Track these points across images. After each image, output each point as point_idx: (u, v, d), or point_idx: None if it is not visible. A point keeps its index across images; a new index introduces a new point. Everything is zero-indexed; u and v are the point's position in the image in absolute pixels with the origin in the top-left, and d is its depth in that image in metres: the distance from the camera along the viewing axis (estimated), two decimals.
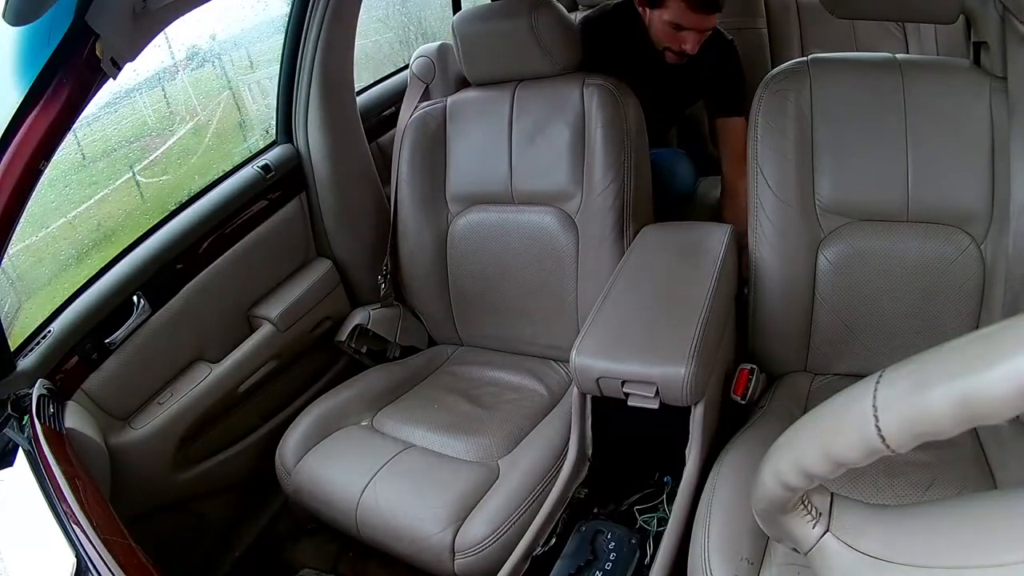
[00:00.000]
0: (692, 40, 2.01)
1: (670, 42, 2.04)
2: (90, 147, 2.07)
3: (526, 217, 2.03)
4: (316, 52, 2.09)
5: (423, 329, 2.31)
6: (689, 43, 2.01)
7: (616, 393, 1.47)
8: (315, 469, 1.79)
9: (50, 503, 1.18)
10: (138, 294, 1.78)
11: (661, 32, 2.03)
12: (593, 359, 1.49)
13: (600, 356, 1.49)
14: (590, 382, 1.49)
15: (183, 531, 1.91)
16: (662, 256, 1.81)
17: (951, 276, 1.62)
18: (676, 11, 1.97)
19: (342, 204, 2.23)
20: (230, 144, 2.40)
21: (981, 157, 1.57)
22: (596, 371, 1.47)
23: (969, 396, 0.49)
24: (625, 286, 1.69)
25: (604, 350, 1.50)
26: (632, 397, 1.46)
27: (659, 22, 2.02)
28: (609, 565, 1.37)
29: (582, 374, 1.50)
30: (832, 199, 1.69)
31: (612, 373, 1.46)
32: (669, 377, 1.40)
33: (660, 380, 1.41)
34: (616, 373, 1.46)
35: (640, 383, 1.44)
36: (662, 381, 1.41)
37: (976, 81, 1.60)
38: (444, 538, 1.55)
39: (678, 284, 1.66)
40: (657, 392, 1.43)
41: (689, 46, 2.01)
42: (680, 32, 2.00)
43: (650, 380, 1.43)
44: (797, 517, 0.71)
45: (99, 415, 1.69)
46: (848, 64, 1.74)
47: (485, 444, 1.77)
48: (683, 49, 2.03)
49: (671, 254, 1.82)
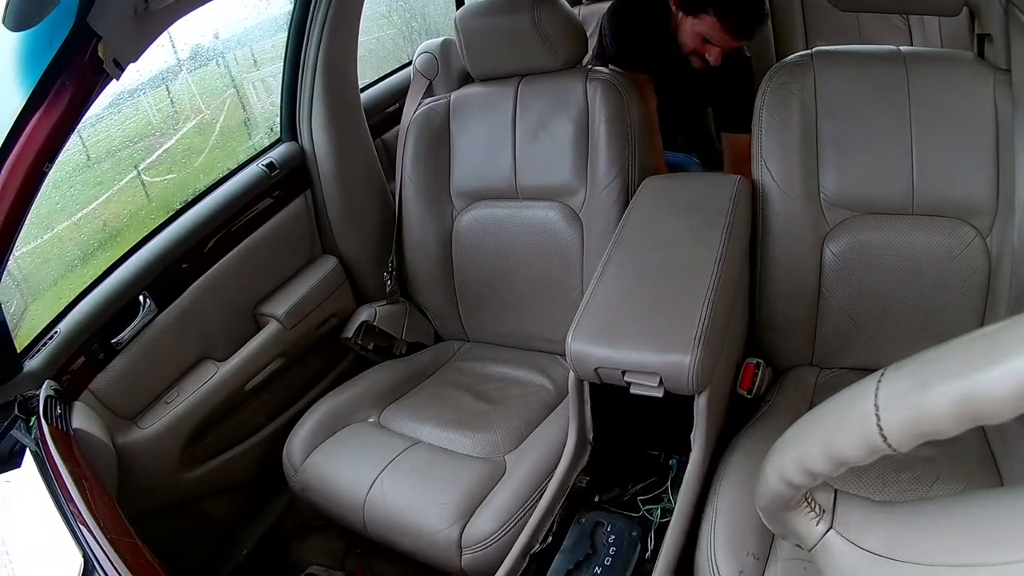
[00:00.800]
0: (716, 53, 2.01)
1: (692, 49, 2.04)
2: (95, 147, 2.07)
3: (531, 212, 2.03)
4: (319, 49, 2.09)
5: (429, 325, 2.31)
6: (713, 55, 2.01)
7: (617, 381, 1.40)
8: (322, 466, 1.79)
9: (57, 504, 1.19)
10: (144, 294, 1.78)
11: (689, 37, 2.02)
12: (590, 346, 1.40)
13: (597, 343, 1.40)
14: (588, 371, 1.41)
15: (190, 530, 1.92)
16: (664, 218, 1.71)
17: (956, 269, 1.61)
18: (710, 26, 1.95)
19: (347, 201, 2.23)
20: (235, 142, 2.41)
21: (986, 150, 1.57)
22: (594, 360, 1.39)
23: (971, 396, 0.49)
24: (624, 256, 1.61)
25: (602, 335, 1.41)
26: (635, 385, 1.38)
27: (690, 29, 2.01)
28: (609, 560, 1.32)
29: (579, 362, 1.42)
30: (837, 192, 1.68)
31: (611, 363, 1.38)
32: (673, 365, 1.32)
33: (663, 369, 1.33)
34: (615, 362, 1.38)
35: (642, 372, 1.36)
36: (665, 370, 1.33)
37: (980, 73, 1.59)
38: (451, 534, 1.55)
39: (682, 251, 1.57)
40: (661, 381, 1.35)
41: (712, 57, 2.01)
42: (707, 44, 2.00)
43: (654, 370, 1.34)
44: (800, 514, 0.71)
45: (106, 415, 1.70)
46: (852, 57, 1.73)
47: (492, 440, 1.77)
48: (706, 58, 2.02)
49: (674, 215, 1.71)
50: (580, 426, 1.56)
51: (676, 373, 1.32)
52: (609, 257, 1.61)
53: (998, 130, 1.55)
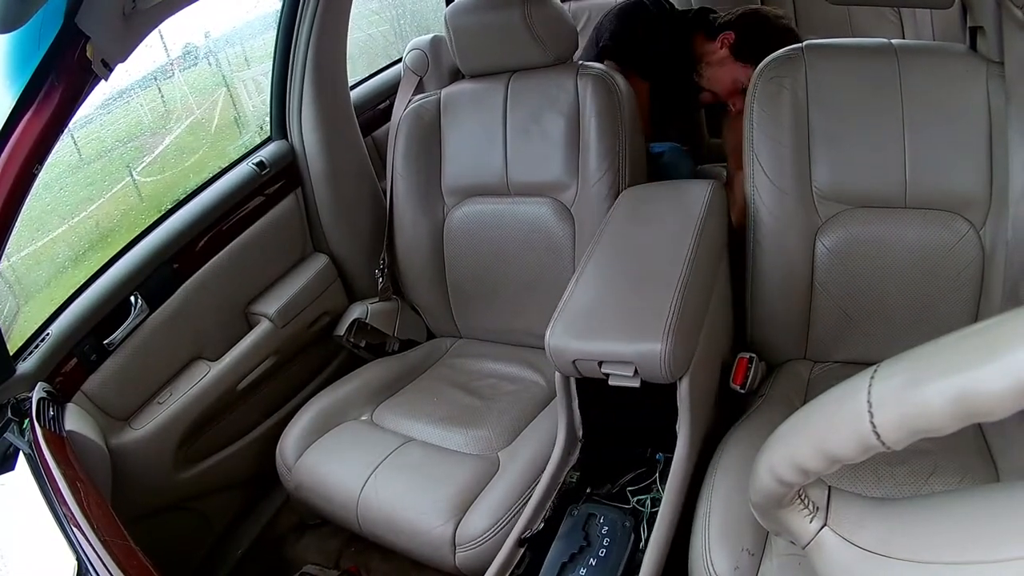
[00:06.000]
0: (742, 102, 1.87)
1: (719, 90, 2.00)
2: (86, 147, 2.06)
3: (522, 208, 2.03)
4: (308, 47, 2.08)
5: (421, 322, 2.31)
6: (739, 104, 1.96)
7: (595, 374, 1.43)
8: (315, 465, 1.79)
9: (51, 506, 1.18)
10: (135, 294, 1.78)
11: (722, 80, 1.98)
12: (566, 340, 1.43)
13: (574, 337, 1.44)
14: (567, 364, 1.44)
15: (185, 530, 1.92)
16: (638, 223, 1.75)
17: (950, 262, 1.61)
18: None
19: (338, 199, 2.22)
20: (226, 141, 2.40)
21: (979, 142, 1.57)
22: (571, 353, 1.42)
23: (966, 392, 0.48)
24: (600, 260, 1.64)
25: (577, 330, 1.45)
26: (613, 377, 1.41)
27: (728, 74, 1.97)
28: (603, 551, 1.33)
29: (558, 356, 1.44)
30: (829, 186, 1.68)
31: (587, 354, 1.41)
32: (645, 354, 1.35)
33: (636, 358, 1.36)
34: (590, 354, 1.41)
35: (618, 363, 1.40)
36: (639, 359, 1.36)
37: (973, 66, 1.59)
38: (445, 531, 1.56)
39: (654, 252, 1.60)
40: (636, 371, 1.38)
41: (737, 105, 1.96)
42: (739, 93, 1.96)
43: (628, 359, 1.38)
44: (794, 511, 0.71)
45: (99, 416, 1.69)
46: (844, 50, 1.73)
47: (485, 436, 1.77)
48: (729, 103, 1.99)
49: (648, 220, 1.75)
50: (569, 423, 1.57)
51: (649, 361, 1.35)
52: (587, 260, 1.63)
53: (991, 123, 1.55)
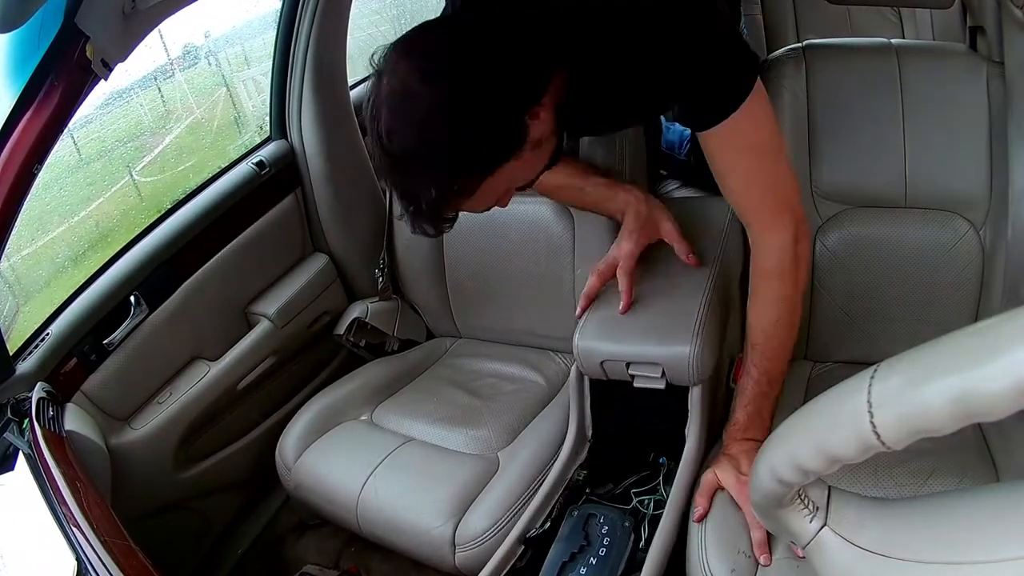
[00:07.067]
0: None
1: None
2: (86, 147, 2.06)
3: (522, 208, 2.00)
4: (308, 47, 2.07)
5: (421, 322, 2.30)
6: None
7: (621, 376, 1.46)
8: (315, 465, 1.79)
9: (50, 506, 1.18)
10: (135, 294, 1.78)
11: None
12: (596, 342, 1.47)
13: (603, 339, 1.48)
14: (594, 366, 1.48)
15: (185, 530, 1.92)
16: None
17: (950, 262, 1.61)
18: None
19: (337, 199, 2.21)
20: (226, 141, 2.40)
21: (978, 142, 1.57)
22: (600, 354, 1.46)
23: (967, 392, 0.48)
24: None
25: (607, 333, 1.49)
26: (638, 379, 1.45)
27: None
28: (603, 551, 1.35)
29: (586, 358, 1.48)
30: (829, 186, 1.68)
31: (617, 356, 1.45)
32: (675, 356, 1.39)
33: (666, 360, 1.41)
34: (621, 355, 1.45)
35: (645, 364, 1.43)
36: (667, 361, 1.40)
37: (973, 66, 1.59)
38: (445, 531, 1.56)
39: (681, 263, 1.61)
40: (663, 373, 1.42)
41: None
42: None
43: (656, 361, 1.42)
44: (794, 511, 0.71)
45: (99, 416, 1.69)
46: (844, 50, 1.73)
47: (484, 436, 1.77)
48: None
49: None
50: (579, 422, 1.59)
51: (678, 363, 1.39)
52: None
53: (991, 123, 1.55)
